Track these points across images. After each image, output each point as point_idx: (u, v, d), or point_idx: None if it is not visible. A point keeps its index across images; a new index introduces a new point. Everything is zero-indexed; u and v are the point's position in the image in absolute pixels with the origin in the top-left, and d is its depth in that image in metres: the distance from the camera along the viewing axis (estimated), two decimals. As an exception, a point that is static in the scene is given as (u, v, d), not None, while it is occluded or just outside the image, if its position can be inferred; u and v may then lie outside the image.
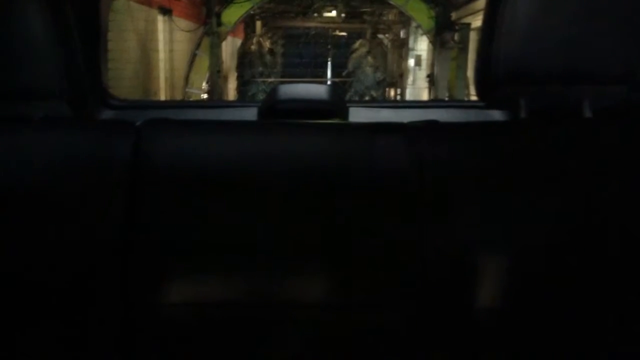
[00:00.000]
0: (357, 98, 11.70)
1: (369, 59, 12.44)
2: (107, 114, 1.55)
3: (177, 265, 0.90)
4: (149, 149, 0.92)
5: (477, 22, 8.85)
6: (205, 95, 9.00)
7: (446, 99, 8.52)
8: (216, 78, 8.58)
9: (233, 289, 0.92)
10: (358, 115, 1.49)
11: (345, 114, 1.41)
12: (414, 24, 10.61)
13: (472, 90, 8.47)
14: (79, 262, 0.90)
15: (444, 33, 8.45)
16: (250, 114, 1.48)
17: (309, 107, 1.32)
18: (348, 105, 1.47)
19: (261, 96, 10.59)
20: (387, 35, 13.21)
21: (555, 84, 0.90)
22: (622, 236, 0.86)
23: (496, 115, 1.33)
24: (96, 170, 0.92)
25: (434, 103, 3.08)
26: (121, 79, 7.05)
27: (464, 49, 8.50)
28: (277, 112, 1.34)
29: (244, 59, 11.48)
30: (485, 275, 0.88)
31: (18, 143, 0.94)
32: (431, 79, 9.12)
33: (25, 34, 0.92)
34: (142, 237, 0.90)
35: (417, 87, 11.59)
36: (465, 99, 8.35)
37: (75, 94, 0.98)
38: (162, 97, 8.57)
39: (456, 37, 8.53)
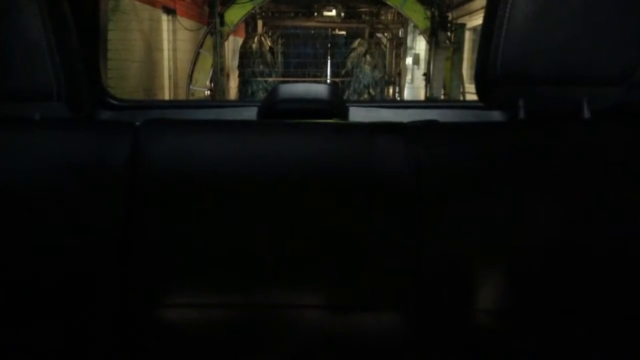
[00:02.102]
0: (355, 96, 11.83)
1: (368, 57, 12.55)
2: (106, 115, 1.55)
3: (176, 265, 0.91)
4: (148, 149, 0.91)
5: (472, 22, 9.07)
6: (208, 93, 9.15)
7: (441, 97, 8.69)
8: (220, 76, 8.74)
9: (232, 290, 0.92)
10: (358, 115, 1.50)
11: (345, 114, 1.41)
12: (412, 24, 10.76)
13: (467, 89, 8.62)
14: (78, 263, 0.90)
15: (440, 33, 8.61)
16: (249, 113, 1.49)
17: (309, 107, 1.32)
18: (348, 105, 1.47)
19: (262, 94, 10.73)
20: (385, 34, 13.32)
21: (554, 85, 0.90)
22: (621, 236, 0.86)
23: (495, 115, 1.34)
24: (95, 172, 0.91)
25: (433, 103, 3.03)
26: (126, 77, 7.17)
27: (458, 49, 8.67)
28: (277, 112, 1.34)
29: (245, 57, 11.53)
30: (484, 275, 0.88)
31: (16, 144, 0.93)
32: (427, 77, 9.28)
33: (23, 34, 0.92)
34: (141, 238, 0.90)
35: (416, 87, 11.74)
36: (461, 97, 8.55)
37: (73, 94, 0.97)
38: (166, 94, 8.75)
39: (452, 37, 8.72)
